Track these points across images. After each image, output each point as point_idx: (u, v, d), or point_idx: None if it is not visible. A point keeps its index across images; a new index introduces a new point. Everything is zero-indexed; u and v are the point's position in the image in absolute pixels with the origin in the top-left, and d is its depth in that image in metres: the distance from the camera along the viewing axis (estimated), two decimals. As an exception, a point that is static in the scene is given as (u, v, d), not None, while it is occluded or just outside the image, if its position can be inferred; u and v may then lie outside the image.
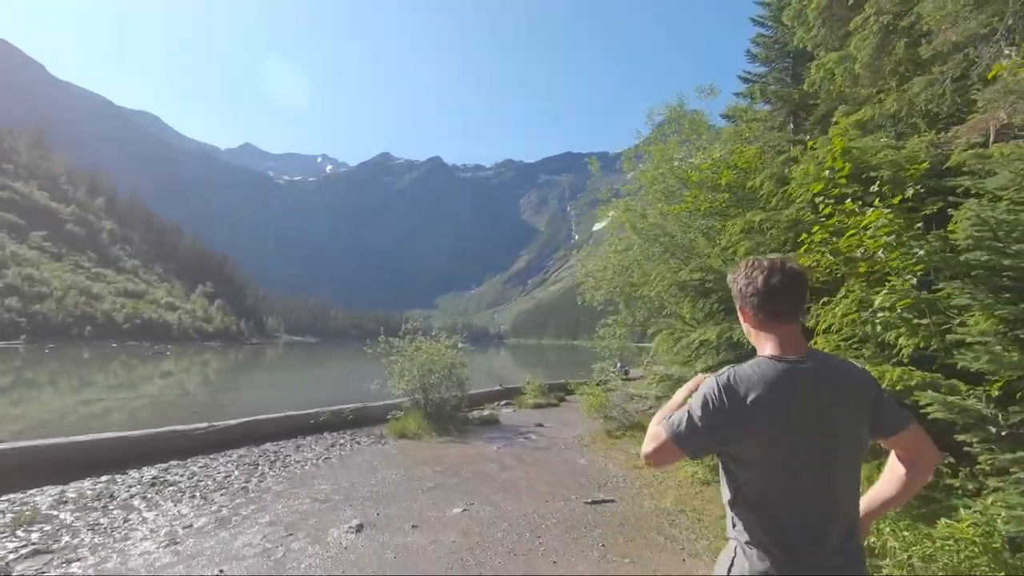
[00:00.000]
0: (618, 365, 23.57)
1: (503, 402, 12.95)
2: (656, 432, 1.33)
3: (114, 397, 17.86)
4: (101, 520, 4.94)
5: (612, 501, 4.74)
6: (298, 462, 7.03)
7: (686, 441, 1.27)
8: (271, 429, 8.80)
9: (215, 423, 8.24)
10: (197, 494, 5.67)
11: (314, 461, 7.06)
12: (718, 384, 1.27)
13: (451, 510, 4.75)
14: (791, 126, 7.93)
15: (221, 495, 5.59)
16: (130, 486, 6.04)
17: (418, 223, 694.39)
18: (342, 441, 8.44)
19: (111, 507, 5.33)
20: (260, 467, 6.82)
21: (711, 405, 1.25)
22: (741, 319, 1.44)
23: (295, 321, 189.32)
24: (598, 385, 9.18)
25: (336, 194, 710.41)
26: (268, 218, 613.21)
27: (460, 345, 10.02)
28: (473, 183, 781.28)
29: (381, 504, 5.03)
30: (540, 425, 9.38)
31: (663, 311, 7.13)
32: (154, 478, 6.36)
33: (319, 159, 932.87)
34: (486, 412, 10.30)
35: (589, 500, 4.74)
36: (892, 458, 1.39)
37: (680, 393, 1.52)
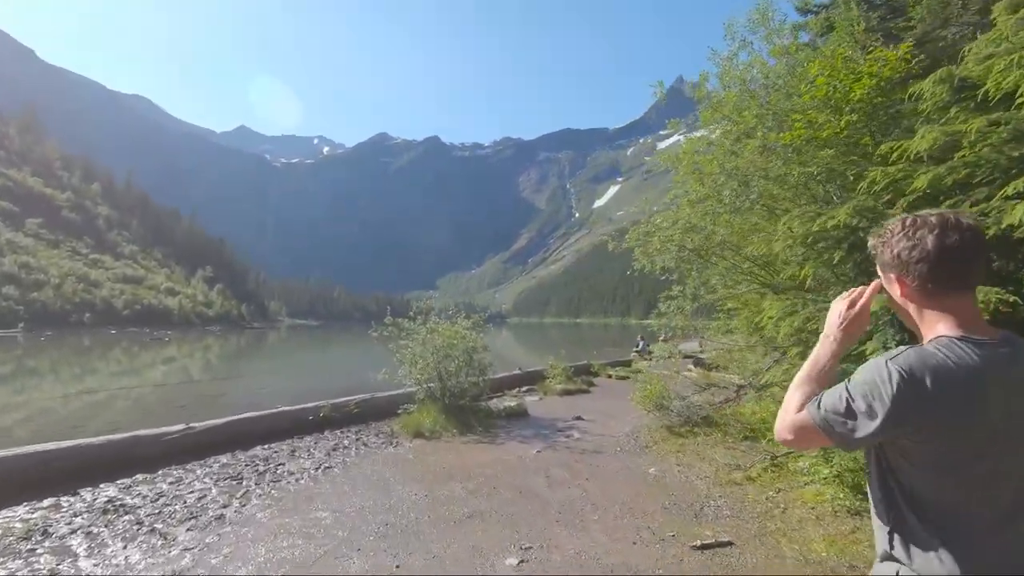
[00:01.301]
0: (640, 344, 22.27)
1: (524, 388, 11.60)
2: (800, 420, 1.10)
3: (110, 387, 16.57)
4: (18, 575, 3.60)
5: (730, 544, 3.35)
6: (292, 474, 5.68)
7: (842, 436, 1.04)
8: (262, 429, 7.44)
9: (194, 424, 6.87)
10: (158, 527, 4.31)
11: (312, 472, 5.70)
12: (892, 368, 0.99)
13: (501, 559, 3.36)
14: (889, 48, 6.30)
15: (188, 530, 4.23)
16: (75, 514, 4.68)
17: (417, 203, 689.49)
18: (346, 442, 7.08)
19: (40, 551, 3.98)
20: (245, 482, 5.47)
21: (882, 394, 0.98)
22: (895, 292, 1.15)
23: (297, 304, 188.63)
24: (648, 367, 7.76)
25: (334, 176, 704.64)
26: (266, 201, 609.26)
27: (483, 325, 8.61)
28: (472, 161, 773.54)
29: (400, 547, 3.65)
30: (579, 418, 7.99)
31: (755, 277, 5.68)
32: (109, 501, 5.01)
33: (316, 141, 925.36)
34: (512, 402, 8.93)
35: (697, 543, 3.34)
36: None
37: (825, 337, 1.20)
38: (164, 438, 6.51)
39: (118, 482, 5.55)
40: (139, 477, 5.72)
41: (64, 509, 4.84)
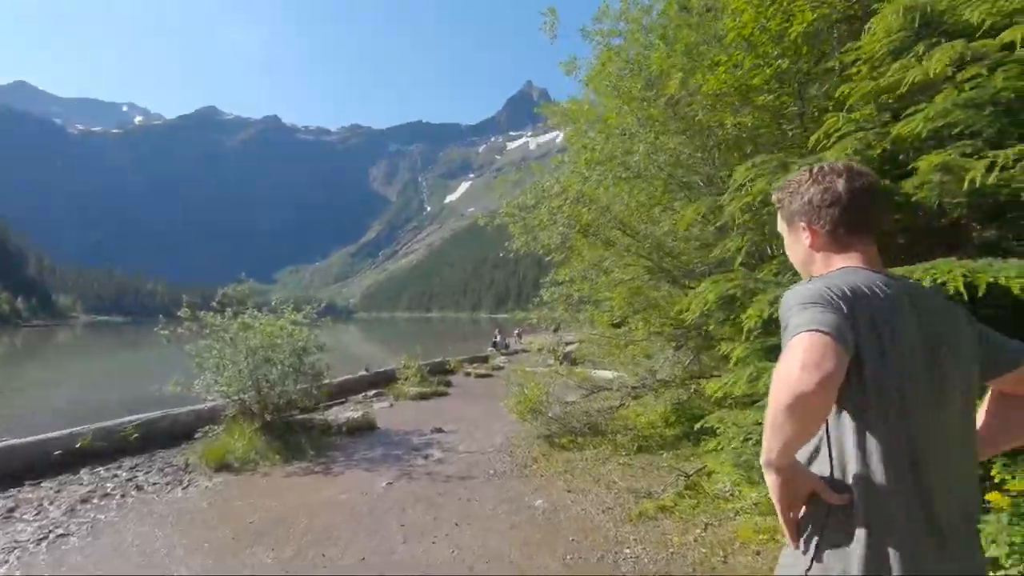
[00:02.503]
0: (497, 338, 21.57)
1: (373, 393, 9.97)
2: (779, 365, 0.89)
3: None
4: None
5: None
6: (-10, 555, 3.58)
7: (835, 324, 0.89)
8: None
9: None
10: None
11: (30, 547, 3.67)
12: (814, 285, 0.98)
13: None
14: None
15: None
16: None
17: (254, 188, 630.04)
18: (110, 486, 4.99)
19: None
20: None
21: (824, 296, 0.93)
22: (805, 241, 1.13)
23: (98, 297, 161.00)
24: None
25: (152, 150, 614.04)
26: (58, 175, 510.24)
27: (317, 317, 6.84)
28: (317, 147, 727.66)
29: None
30: (439, 430, 6.64)
31: (647, 260, 4.79)
32: None
33: (125, 108, 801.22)
34: (356, 412, 7.33)
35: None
36: (990, 400, 1.15)
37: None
38: None
39: None
40: None
41: None
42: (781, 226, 1.21)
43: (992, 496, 2.00)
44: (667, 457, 4.68)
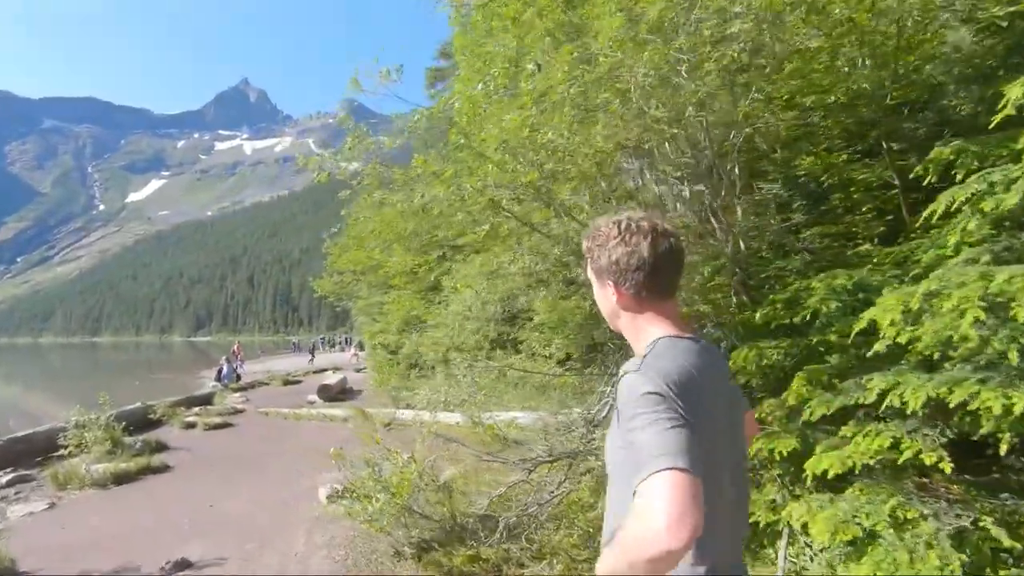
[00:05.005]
0: (223, 369, 16.61)
1: (6, 480, 5.58)
2: (644, 508, 0.82)
3: None
4: None
5: None
6: None
7: (691, 456, 0.84)
8: None
9: None
10: None
11: None
12: (647, 374, 0.94)
13: None
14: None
15: None
16: None
17: None
18: None
19: None
20: None
21: (669, 399, 0.90)
22: (612, 298, 1.11)
23: None
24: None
25: None
26: None
27: None
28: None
29: None
30: (183, 563, 3.33)
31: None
32: None
33: None
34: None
35: None
36: None
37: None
38: None
39: None
40: None
41: None
42: (589, 274, 1.17)
43: None
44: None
